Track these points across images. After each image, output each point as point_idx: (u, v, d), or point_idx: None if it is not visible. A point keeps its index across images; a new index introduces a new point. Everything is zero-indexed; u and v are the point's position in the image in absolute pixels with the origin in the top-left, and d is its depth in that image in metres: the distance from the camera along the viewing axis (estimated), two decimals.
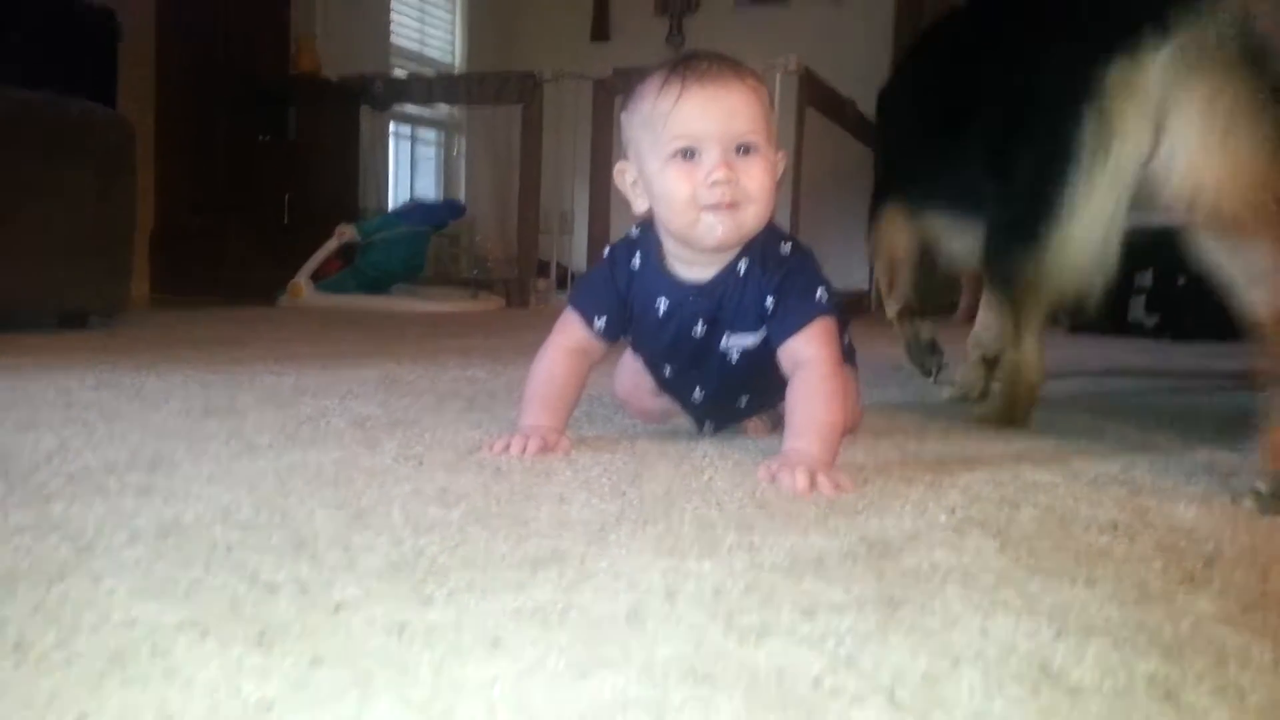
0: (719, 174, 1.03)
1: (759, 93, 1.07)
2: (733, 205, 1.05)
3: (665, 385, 1.23)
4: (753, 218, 1.07)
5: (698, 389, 1.20)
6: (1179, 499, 0.99)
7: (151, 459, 1.00)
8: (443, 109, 5.91)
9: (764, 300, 1.10)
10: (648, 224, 1.15)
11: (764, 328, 1.11)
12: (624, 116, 1.13)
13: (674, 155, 1.05)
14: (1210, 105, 1.04)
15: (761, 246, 1.11)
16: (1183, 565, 0.76)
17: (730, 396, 1.21)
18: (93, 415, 1.24)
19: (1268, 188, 1.02)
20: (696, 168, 1.04)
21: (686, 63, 1.07)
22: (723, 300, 1.12)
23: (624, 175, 1.14)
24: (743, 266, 1.11)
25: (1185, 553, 0.79)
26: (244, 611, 0.58)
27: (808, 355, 1.07)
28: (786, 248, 1.12)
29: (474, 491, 0.90)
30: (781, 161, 1.10)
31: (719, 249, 1.09)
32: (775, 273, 1.10)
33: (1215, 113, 1.03)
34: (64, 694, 0.47)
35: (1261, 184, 1.02)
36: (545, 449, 1.08)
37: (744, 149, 1.05)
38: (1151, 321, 3.85)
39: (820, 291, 1.10)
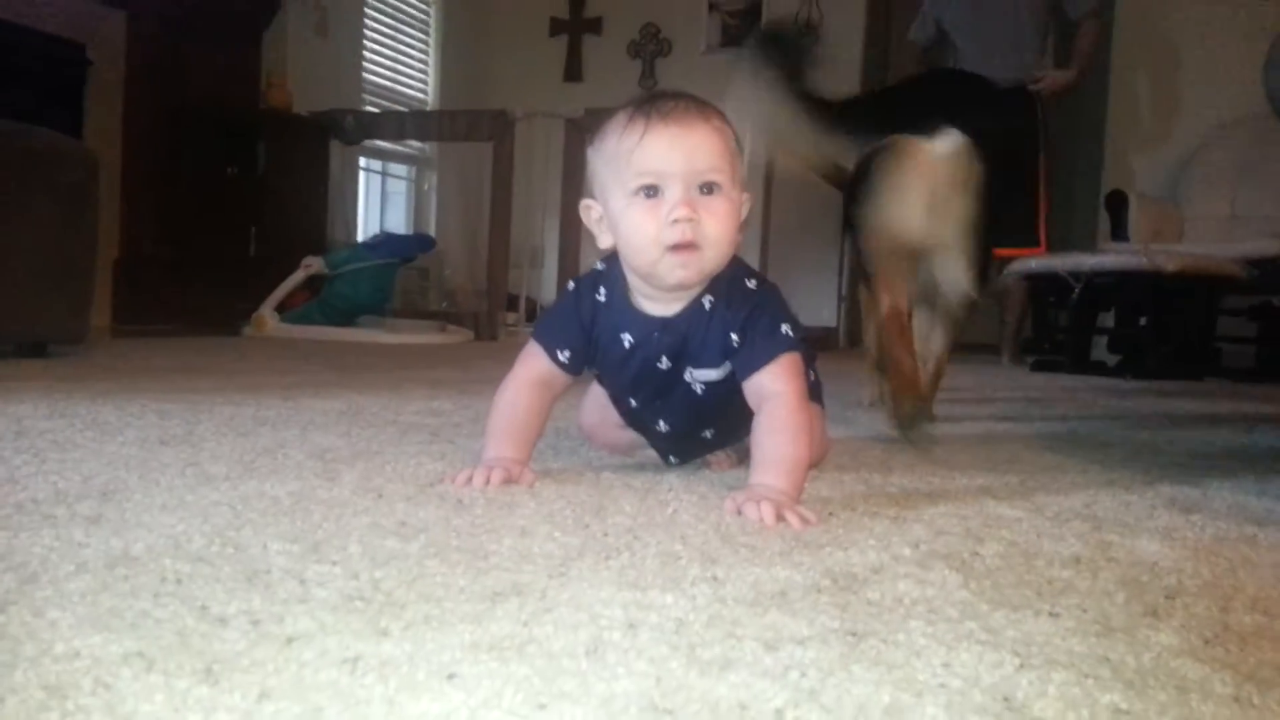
0: (680, 212, 1.03)
1: (723, 133, 1.07)
2: (694, 246, 1.05)
3: (631, 417, 1.23)
4: (713, 259, 1.07)
5: (663, 421, 1.20)
6: (1141, 533, 0.99)
7: (103, 489, 0.97)
8: (414, 144, 5.92)
9: (728, 336, 1.10)
10: (614, 258, 1.15)
11: (727, 363, 1.11)
12: (590, 153, 1.13)
13: (637, 192, 1.05)
14: (932, 172, 1.63)
15: (727, 282, 1.11)
16: (1145, 599, 0.76)
17: (696, 429, 1.21)
18: (45, 444, 1.21)
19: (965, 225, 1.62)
20: (659, 205, 1.05)
21: (652, 101, 1.07)
22: (688, 336, 1.12)
23: (590, 212, 1.14)
24: (708, 302, 1.11)
25: (1147, 586, 0.79)
26: (192, 644, 0.56)
27: (774, 390, 1.07)
28: (752, 283, 1.12)
29: (434, 524, 0.89)
30: (747, 203, 1.11)
31: (679, 289, 1.10)
32: (741, 309, 1.10)
33: (936, 175, 1.62)
34: None
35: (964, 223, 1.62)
36: (508, 481, 1.07)
37: (707, 187, 1.05)
38: (1113, 361, 3.92)
39: (786, 327, 1.10)
